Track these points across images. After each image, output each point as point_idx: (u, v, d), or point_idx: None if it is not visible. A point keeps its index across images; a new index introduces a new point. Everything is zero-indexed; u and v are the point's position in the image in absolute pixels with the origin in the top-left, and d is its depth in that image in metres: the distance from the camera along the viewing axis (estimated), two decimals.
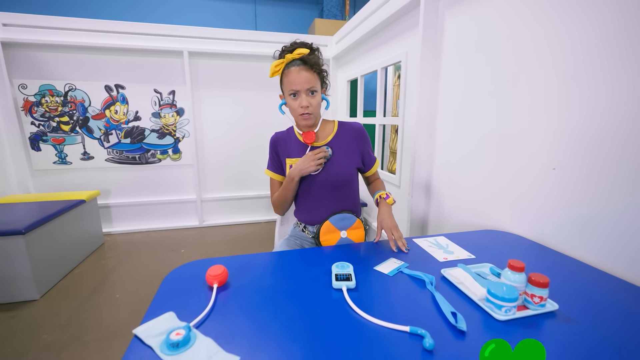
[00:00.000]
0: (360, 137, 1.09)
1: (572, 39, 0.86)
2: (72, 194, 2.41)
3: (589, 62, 0.82)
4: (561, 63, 0.89)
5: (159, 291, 0.70)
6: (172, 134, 2.87)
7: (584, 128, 0.83)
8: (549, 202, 0.94)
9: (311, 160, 1.00)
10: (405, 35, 1.73)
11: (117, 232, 2.87)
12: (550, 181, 0.93)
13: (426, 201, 1.60)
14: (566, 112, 0.88)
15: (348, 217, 1.07)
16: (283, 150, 1.12)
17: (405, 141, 1.79)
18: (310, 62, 0.96)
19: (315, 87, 0.97)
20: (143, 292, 1.90)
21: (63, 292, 1.90)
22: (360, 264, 0.83)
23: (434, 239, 1.00)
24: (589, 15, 0.81)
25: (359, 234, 1.08)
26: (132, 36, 2.55)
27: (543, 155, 0.95)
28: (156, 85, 2.73)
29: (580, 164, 0.85)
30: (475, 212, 1.25)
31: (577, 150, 0.85)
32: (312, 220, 1.13)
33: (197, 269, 0.79)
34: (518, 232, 1.05)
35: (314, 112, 0.99)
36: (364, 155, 1.11)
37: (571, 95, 0.87)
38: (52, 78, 2.52)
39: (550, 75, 0.92)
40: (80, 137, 2.68)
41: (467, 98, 1.27)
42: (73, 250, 2.22)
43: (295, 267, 0.82)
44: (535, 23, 0.96)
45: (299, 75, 0.95)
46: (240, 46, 2.81)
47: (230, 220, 3.14)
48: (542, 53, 0.94)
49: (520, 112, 1.02)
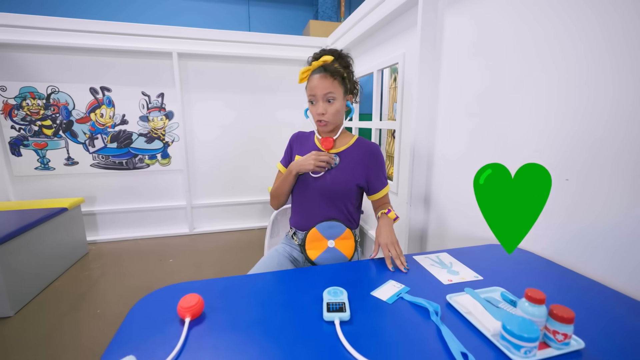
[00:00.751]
0: (372, 157, 1.05)
1: (573, 40, 0.78)
2: (54, 202, 2.30)
3: (593, 64, 0.74)
4: (565, 65, 0.81)
5: (121, 328, 0.61)
6: (161, 138, 2.76)
7: (604, 136, 0.76)
8: (562, 214, 0.86)
9: (312, 158, 0.99)
10: (402, 36, 1.66)
11: (103, 240, 2.75)
12: (563, 192, 0.85)
13: (425, 210, 1.51)
14: (579, 118, 0.80)
15: (337, 226, 1.01)
16: (298, 148, 1.12)
17: (403, 146, 1.71)
18: (330, 69, 0.97)
19: (333, 94, 0.98)
20: (126, 306, 1.79)
21: (40, 308, 1.78)
22: (355, 287, 0.74)
23: (436, 255, 0.92)
24: (590, 16, 0.74)
25: (348, 245, 1.01)
26: (118, 37, 2.45)
27: (555, 164, 0.87)
28: (144, 88, 2.63)
29: (595, 174, 0.77)
30: (479, 223, 1.17)
31: (594, 159, 0.78)
32: (301, 226, 1.08)
33: (169, 297, 0.70)
34: (527, 247, 0.97)
35: (330, 119, 1.00)
36: (369, 176, 1.05)
37: (584, 101, 0.79)
38: (33, 80, 2.41)
39: (559, 79, 0.85)
40: (63, 141, 2.56)
41: (469, 101, 1.20)
42: (53, 261, 2.10)
43: (282, 293, 0.72)
44: (537, 24, 0.89)
45: (318, 82, 0.97)
46: (232, 47, 2.72)
47: (221, 227, 3.04)
48: (550, 54, 0.87)
49: (531, 117, 0.95)
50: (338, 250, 1.00)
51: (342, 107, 1.02)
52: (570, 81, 0.83)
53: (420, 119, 1.42)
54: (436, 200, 1.44)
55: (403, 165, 1.72)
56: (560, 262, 0.86)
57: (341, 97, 1.00)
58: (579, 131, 0.81)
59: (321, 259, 0.98)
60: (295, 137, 1.15)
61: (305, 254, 1.00)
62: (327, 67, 0.98)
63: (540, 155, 0.91)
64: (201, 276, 2.19)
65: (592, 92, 0.77)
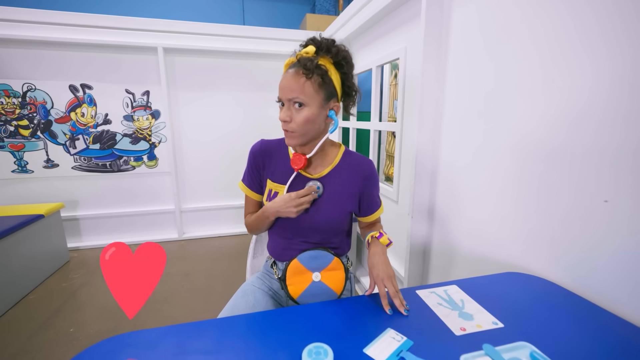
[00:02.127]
0: (366, 177, 0.87)
1: (609, 33, 0.62)
2: (30, 208, 2.14)
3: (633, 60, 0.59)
4: (594, 63, 0.65)
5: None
6: (147, 139, 2.60)
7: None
8: (602, 239, 0.70)
9: (293, 204, 0.80)
10: (404, 29, 1.49)
11: (86, 247, 2.60)
12: (601, 214, 0.70)
13: (429, 223, 1.36)
14: (619, 125, 0.65)
15: (322, 256, 0.84)
16: (267, 165, 0.90)
17: (404, 150, 1.55)
18: (307, 66, 0.74)
19: (301, 98, 0.75)
20: (102, 324, 1.65)
21: (9, 326, 1.63)
22: (344, 341, 0.58)
23: (444, 290, 0.76)
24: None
25: (337, 277, 0.83)
26: (98, 30, 2.28)
27: (589, 181, 0.71)
28: (128, 85, 2.47)
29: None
30: (492, 242, 1.02)
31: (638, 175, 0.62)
32: (280, 256, 0.91)
33: (112, 355, 0.54)
34: (553, 277, 0.82)
35: (296, 129, 0.78)
36: (362, 198, 0.88)
37: (624, 105, 0.63)
38: (7, 77, 2.25)
39: (590, 79, 0.69)
40: (42, 142, 2.40)
41: (481, 101, 1.04)
42: (28, 272, 1.95)
43: (251, 349, 0.57)
44: (565, 12, 0.73)
45: (286, 81, 0.76)
46: (223, 42, 2.55)
47: (213, 232, 2.89)
48: (581, 50, 0.71)
49: (559, 120, 0.79)
50: (325, 285, 0.83)
51: (318, 116, 0.78)
52: (605, 81, 0.67)
53: (424, 120, 1.26)
54: (442, 213, 1.28)
55: (404, 171, 1.56)
56: (601, 303, 0.71)
57: (316, 104, 0.76)
58: (621, 141, 0.65)
59: (305, 296, 0.82)
60: (259, 150, 0.90)
61: (286, 290, 0.83)
62: (302, 60, 0.75)
63: (567, 168, 0.76)
64: (189, 284, 2.04)
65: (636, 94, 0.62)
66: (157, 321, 1.67)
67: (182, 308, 1.80)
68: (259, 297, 0.86)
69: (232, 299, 0.87)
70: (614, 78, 0.66)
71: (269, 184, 0.89)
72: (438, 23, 1.19)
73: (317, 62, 0.76)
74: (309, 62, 0.75)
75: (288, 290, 0.83)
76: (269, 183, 0.89)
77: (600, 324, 0.63)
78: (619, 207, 0.66)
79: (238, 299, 0.86)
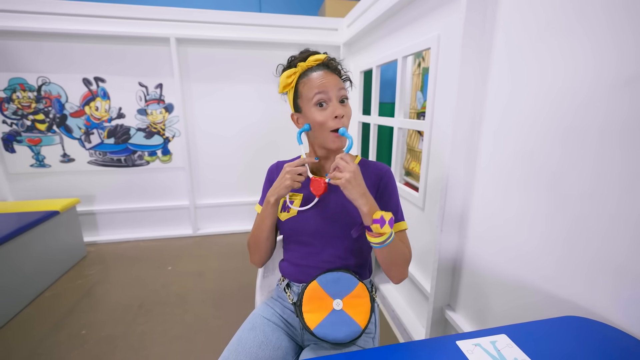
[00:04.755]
0: (380, 181, 0.82)
1: None
2: (46, 203, 2.14)
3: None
4: None
5: None
6: (161, 133, 2.54)
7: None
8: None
9: (286, 172, 0.74)
10: (437, 14, 1.30)
11: (103, 241, 2.61)
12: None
13: (460, 238, 1.20)
14: None
15: (345, 279, 0.73)
16: None
17: (433, 153, 1.39)
18: (336, 65, 0.79)
19: (346, 93, 0.78)
20: (113, 326, 1.62)
21: (25, 325, 1.63)
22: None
23: (492, 342, 0.62)
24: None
25: (362, 308, 0.72)
26: (110, 20, 2.21)
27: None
28: (141, 78, 2.40)
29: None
30: (539, 269, 0.86)
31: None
32: (296, 277, 0.81)
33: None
34: (626, 325, 0.66)
35: (347, 125, 0.77)
36: (378, 204, 0.74)
37: None
38: (22, 70, 2.22)
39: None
40: (58, 137, 2.39)
41: (535, 100, 0.86)
42: (44, 269, 1.95)
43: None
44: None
45: (327, 78, 0.74)
46: (238, 31, 2.42)
47: (227, 228, 2.83)
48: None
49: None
50: (347, 315, 0.72)
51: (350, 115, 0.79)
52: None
53: (460, 120, 1.09)
54: (477, 228, 1.12)
55: (432, 175, 1.40)
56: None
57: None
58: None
59: (324, 327, 0.71)
60: (275, 170, 0.91)
61: (301, 318, 0.72)
62: (330, 63, 0.77)
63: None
64: (202, 285, 1.99)
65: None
66: (169, 326, 1.62)
67: (195, 311, 1.74)
68: (269, 333, 0.75)
69: (239, 332, 0.77)
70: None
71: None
72: (482, 6, 1.01)
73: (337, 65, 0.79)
74: (334, 62, 0.78)
75: (304, 318, 0.72)
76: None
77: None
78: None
79: (245, 333, 0.75)
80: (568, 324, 0.69)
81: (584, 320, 0.69)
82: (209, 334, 1.57)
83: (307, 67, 0.77)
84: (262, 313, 0.81)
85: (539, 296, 0.86)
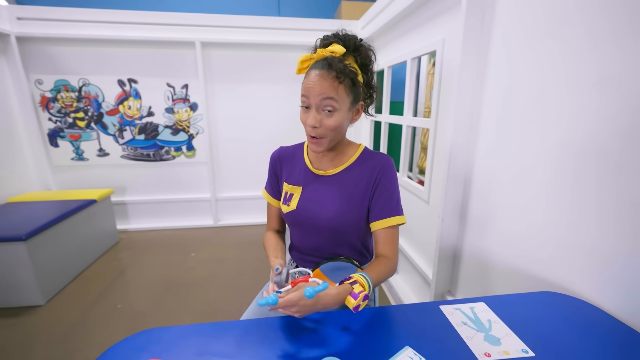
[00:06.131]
0: (379, 172, 0.80)
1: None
2: (85, 193, 2.38)
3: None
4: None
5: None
6: (186, 130, 2.74)
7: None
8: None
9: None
10: (442, 18, 1.39)
11: (133, 229, 2.84)
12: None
13: (461, 227, 1.29)
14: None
15: (346, 267, 0.82)
16: (284, 170, 0.91)
17: (438, 149, 1.48)
18: (337, 67, 0.69)
19: (333, 102, 0.71)
20: (143, 302, 1.81)
21: (69, 298, 1.85)
22: (359, 357, 0.58)
23: (471, 307, 0.72)
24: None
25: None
26: (141, 26, 2.41)
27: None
28: (169, 79, 2.60)
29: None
30: (527, 255, 0.94)
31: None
32: (303, 262, 0.92)
33: (137, 350, 0.59)
34: (600, 301, 0.74)
35: (327, 134, 0.74)
36: (375, 196, 0.81)
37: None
38: (66, 73, 2.46)
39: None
40: (95, 133, 2.63)
41: (523, 100, 0.94)
42: (83, 251, 2.18)
43: (265, 355, 0.59)
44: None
45: (315, 82, 0.70)
46: (258, 35, 2.58)
47: (246, 220, 3.00)
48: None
49: (611, 124, 0.69)
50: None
51: (345, 120, 0.75)
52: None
53: (460, 118, 1.18)
54: (475, 218, 1.21)
55: (437, 170, 1.49)
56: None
57: (345, 108, 0.73)
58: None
59: None
60: (277, 158, 0.91)
61: None
62: (333, 63, 0.70)
63: (619, 178, 0.67)
64: (222, 270, 2.16)
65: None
66: (192, 305, 1.80)
67: (214, 293, 1.91)
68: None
69: (254, 301, 0.90)
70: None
71: (285, 187, 0.89)
72: (481, 9, 1.09)
73: (349, 65, 0.72)
74: (341, 64, 0.70)
75: None
76: (285, 186, 0.89)
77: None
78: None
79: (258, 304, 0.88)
80: (545, 297, 0.78)
81: (559, 295, 0.78)
82: (228, 311, 1.73)
83: (321, 57, 0.74)
84: None
85: (526, 279, 0.95)
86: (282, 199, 0.89)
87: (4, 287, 1.69)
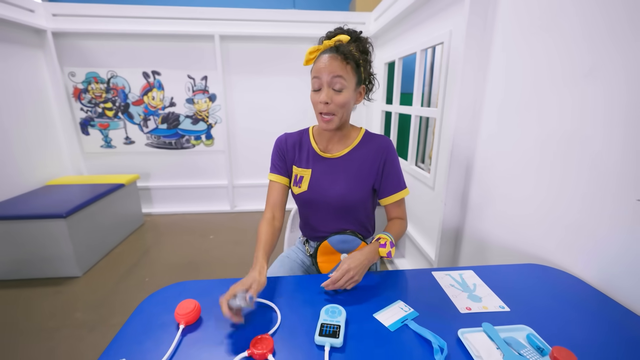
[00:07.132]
0: (383, 153, 0.90)
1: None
2: (114, 177, 2.57)
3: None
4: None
5: (122, 330, 0.63)
6: (205, 120, 2.88)
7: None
8: (630, 240, 0.69)
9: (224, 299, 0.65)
10: (450, 11, 1.44)
11: (156, 213, 3.04)
12: (632, 213, 0.68)
13: (462, 210, 1.37)
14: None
15: (350, 240, 0.92)
16: (292, 153, 0.98)
17: (443, 138, 1.54)
18: (344, 50, 0.79)
19: (342, 80, 0.80)
20: (167, 277, 1.98)
21: (102, 271, 2.05)
22: (358, 306, 0.69)
23: (459, 274, 0.82)
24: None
25: None
26: (164, 21, 2.55)
27: (627, 179, 0.70)
28: (189, 71, 2.73)
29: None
30: (520, 234, 1.02)
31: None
32: (312, 237, 1.02)
33: (172, 298, 0.72)
34: (574, 270, 0.82)
35: (337, 111, 0.83)
36: (382, 174, 0.90)
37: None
38: (96, 65, 2.64)
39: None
40: (122, 122, 2.81)
41: (522, 92, 1.01)
42: (114, 230, 2.38)
43: (280, 304, 0.70)
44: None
45: (326, 63, 0.80)
46: (274, 27, 2.67)
47: (260, 206, 3.15)
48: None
49: (601, 113, 0.76)
50: None
51: (352, 99, 0.85)
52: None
53: (463, 108, 1.25)
54: (475, 201, 1.28)
55: (442, 158, 1.56)
56: (619, 298, 0.71)
57: (352, 88, 0.83)
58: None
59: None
60: (284, 141, 0.98)
61: (316, 266, 0.96)
62: (340, 47, 0.80)
63: (604, 164, 0.73)
64: (238, 251, 2.32)
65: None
66: (213, 277, 1.95)
67: (232, 269, 2.06)
68: (294, 267, 1.00)
69: (271, 267, 1.01)
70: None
71: (294, 170, 0.96)
72: (483, 4, 1.15)
73: (353, 50, 0.81)
74: (347, 47, 0.80)
75: (318, 266, 0.95)
76: (294, 169, 0.96)
77: (615, 319, 0.65)
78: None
79: (276, 267, 1.00)
80: (528, 268, 0.86)
81: (541, 267, 0.86)
82: None
83: (327, 47, 0.83)
84: (288, 255, 1.05)
85: (519, 255, 1.03)
86: (293, 182, 0.97)
87: (47, 259, 1.90)
